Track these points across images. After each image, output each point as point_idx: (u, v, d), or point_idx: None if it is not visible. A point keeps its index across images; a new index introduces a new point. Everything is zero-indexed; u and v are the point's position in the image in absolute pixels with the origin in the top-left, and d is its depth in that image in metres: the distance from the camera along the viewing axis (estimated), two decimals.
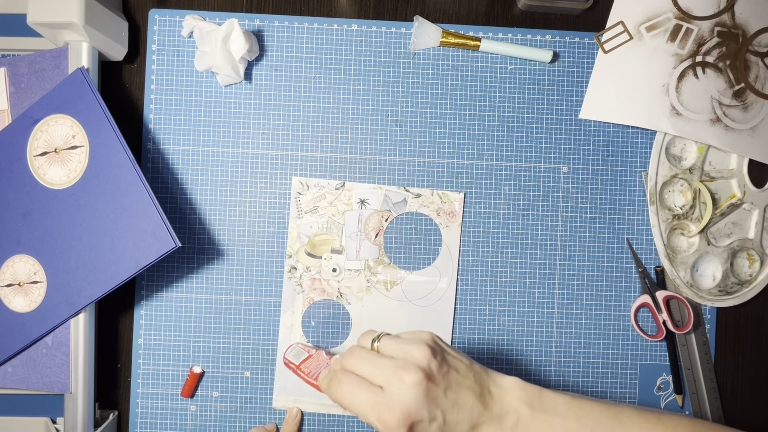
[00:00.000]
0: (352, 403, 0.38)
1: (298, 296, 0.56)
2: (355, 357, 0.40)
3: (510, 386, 0.40)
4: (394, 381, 0.37)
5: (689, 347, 0.57)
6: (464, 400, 0.38)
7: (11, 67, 0.53)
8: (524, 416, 0.39)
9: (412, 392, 0.37)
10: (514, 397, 0.40)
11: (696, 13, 0.55)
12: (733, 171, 0.57)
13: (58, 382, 0.51)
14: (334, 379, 0.40)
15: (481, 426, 0.38)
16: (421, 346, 0.39)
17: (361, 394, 0.38)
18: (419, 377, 0.37)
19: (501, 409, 0.39)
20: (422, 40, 0.56)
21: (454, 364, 0.40)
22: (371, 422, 0.37)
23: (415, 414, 0.37)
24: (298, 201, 0.56)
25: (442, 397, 0.38)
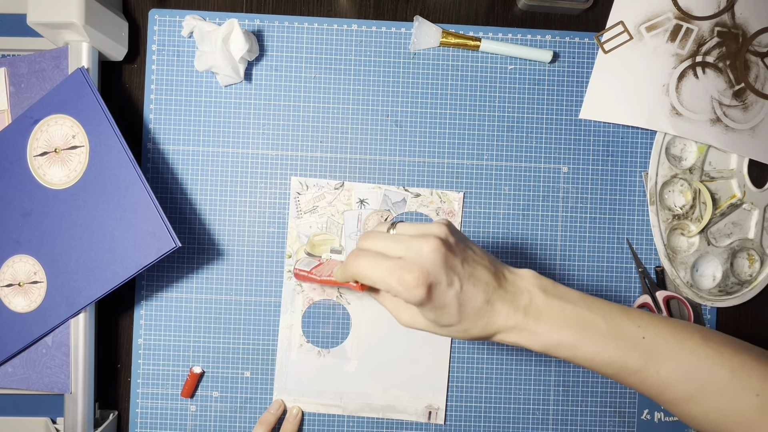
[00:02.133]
0: (371, 273, 0.38)
1: (298, 296, 0.56)
2: (371, 237, 0.40)
3: (524, 274, 0.41)
4: (413, 248, 0.38)
5: None
6: (480, 274, 0.39)
7: (11, 67, 0.53)
8: (537, 298, 0.39)
9: (430, 256, 0.37)
10: (528, 282, 0.40)
11: (696, 13, 0.55)
12: (733, 171, 0.57)
13: (58, 382, 0.51)
14: (351, 257, 0.40)
15: (495, 302, 0.39)
16: (439, 225, 0.39)
17: (380, 263, 0.38)
18: (437, 243, 0.38)
19: (515, 289, 0.40)
20: (422, 40, 0.56)
21: (470, 245, 0.41)
22: (391, 286, 0.37)
23: (434, 275, 0.37)
24: (297, 201, 0.56)
25: (459, 267, 0.38)
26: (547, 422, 0.57)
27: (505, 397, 0.57)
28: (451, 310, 0.38)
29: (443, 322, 0.39)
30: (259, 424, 0.54)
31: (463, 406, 0.56)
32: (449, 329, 0.39)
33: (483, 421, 0.56)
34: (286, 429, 0.55)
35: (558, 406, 0.57)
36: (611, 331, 0.39)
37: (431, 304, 0.37)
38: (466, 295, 0.38)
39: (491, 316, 0.39)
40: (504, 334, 0.39)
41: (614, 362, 0.39)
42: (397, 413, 0.56)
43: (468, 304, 0.38)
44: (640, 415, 0.57)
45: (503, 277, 0.40)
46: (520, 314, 0.39)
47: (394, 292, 0.37)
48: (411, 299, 0.37)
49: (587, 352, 0.39)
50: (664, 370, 0.38)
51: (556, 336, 0.39)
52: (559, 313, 0.39)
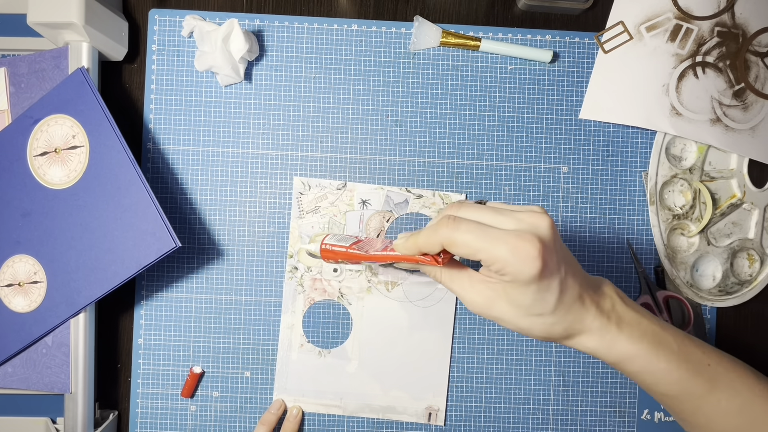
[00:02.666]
0: (476, 240, 0.34)
1: (299, 296, 0.56)
2: (467, 206, 0.37)
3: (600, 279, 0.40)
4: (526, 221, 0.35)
5: None
6: (575, 266, 0.37)
7: (11, 67, 0.53)
8: (618, 305, 0.38)
9: (548, 232, 0.35)
10: (608, 288, 0.39)
11: (696, 13, 0.55)
12: (733, 171, 0.57)
13: (58, 382, 0.51)
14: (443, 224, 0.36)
15: (585, 300, 0.37)
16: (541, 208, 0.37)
17: (488, 230, 0.34)
18: (551, 222, 0.36)
19: (599, 292, 0.38)
20: (422, 40, 0.56)
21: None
22: (500, 257, 0.34)
23: (549, 250, 0.34)
24: (299, 201, 0.56)
25: (563, 253, 0.37)
26: (547, 422, 0.57)
27: (505, 397, 0.57)
28: (552, 296, 0.36)
29: (536, 309, 0.36)
30: (260, 424, 0.54)
31: (463, 407, 0.56)
32: (535, 320, 0.37)
33: (483, 421, 0.56)
34: (287, 429, 0.55)
35: (558, 406, 0.57)
36: (682, 352, 0.38)
37: (537, 285, 0.35)
38: (567, 284, 0.36)
39: (581, 313, 0.37)
40: (585, 337, 0.38)
41: (680, 383, 0.38)
42: (397, 414, 0.56)
43: (566, 294, 0.36)
44: (640, 415, 0.57)
45: (588, 278, 0.39)
46: (605, 317, 0.37)
47: (502, 264, 0.34)
48: (524, 272, 0.34)
49: (660, 369, 0.38)
50: (724, 401, 0.38)
51: (635, 348, 0.37)
52: (637, 325, 0.38)
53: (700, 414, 0.39)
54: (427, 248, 0.37)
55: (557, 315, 0.36)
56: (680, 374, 0.38)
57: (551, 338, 0.38)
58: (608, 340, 0.38)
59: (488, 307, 0.37)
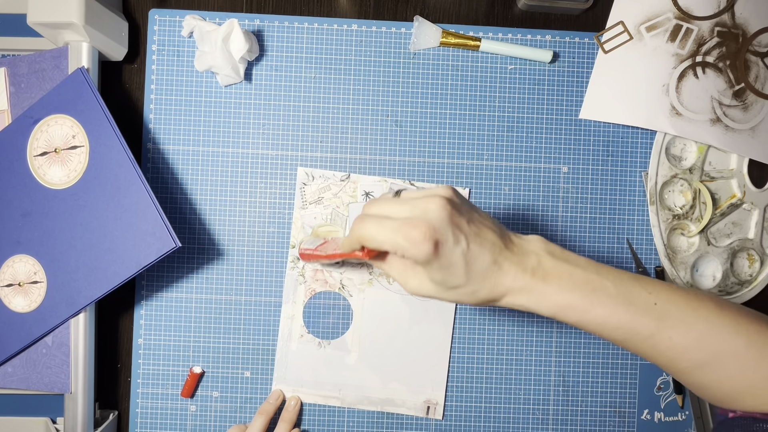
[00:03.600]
0: (377, 234, 0.38)
1: (300, 287, 0.56)
2: (376, 202, 0.40)
3: (531, 238, 0.41)
4: (418, 206, 0.38)
5: None
6: (486, 234, 0.38)
7: (11, 67, 0.53)
8: (545, 260, 0.39)
9: (436, 213, 0.37)
10: (535, 245, 0.40)
11: (696, 13, 0.55)
12: (733, 171, 0.57)
13: (58, 382, 0.51)
14: (356, 222, 0.39)
15: (502, 263, 0.38)
16: (444, 187, 0.39)
17: (386, 223, 0.38)
18: (443, 201, 0.37)
19: (522, 252, 0.39)
20: (422, 40, 0.56)
21: (475, 209, 0.40)
22: (398, 244, 0.37)
23: (440, 231, 0.36)
24: (303, 192, 0.56)
25: (465, 226, 0.38)
26: (547, 422, 0.57)
27: (505, 397, 0.57)
28: (458, 269, 0.37)
29: (450, 283, 0.38)
30: (259, 414, 0.54)
31: (462, 403, 0.56)
32: (457, 292, 0.39)
33: (483, 420, 0.56)
34: (285, 419, 0.55)
35: (558, 406, 0.57)
36: (621, 295, 0.38)
37: (438, 262, 0.37)
38: (472, 254, 0.37)
39: (498, 277, 0.38)
40: (512, 297, 0.39)
41: (624, 326, 0.38)
42: (395, 407, 0.56)
43: (475, 263, 0.38)
44: (640, 415, 0.57)
45: (509, 240, 0.40)
46: (528, 275, 0.38)
47: (402, 251, 0.37)
48: (418, 255, 0.36)
49: (597, 315, 0.38)
50: (677, 337, 0.38)
51: (565, 298, 0.38)
52: (568, 276, 0.38)
53: (658, 353, 0.39)
54: (353, 245, 0.41)
55: (474, 284, 0.38)
56: (620, 317, 0.38)
57: (483, 304, 0.40)
58: (536, 296, 0.38)
59: (419, 287, 0.40)
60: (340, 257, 0.45)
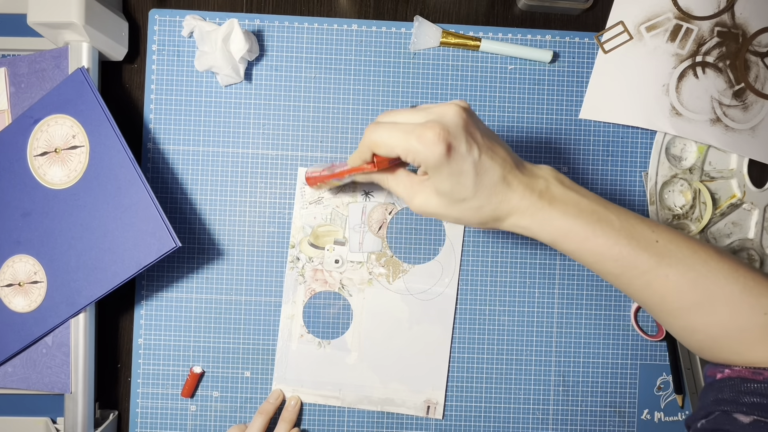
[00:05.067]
0: (389, 137, 0.38)
1: (300, 286, 0.56)
2: (390, 112, 0.40)
3: (542, 166, 0.41)
4: (434, 112, 0.38)
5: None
6: (498, 150, 0.39)
7: (11, 67, 0.53)
8: (553, 186, 0.39)
9: (452, 118, 0.37)
10: (545, 172, 0.40)
11: (696, 13, 0.55)
12: (733, 171, 0.57)
13: (58, 382, 0.51)
14: (369, 129, 0.39)
15: (512, 181, 0.38)
16: (460, 100, 0.39)
17: (400, 126, 0.38)
18: (459, 109, 0.37)
19: (531, 174, 0.40)
20: (422, 40, 0.56)
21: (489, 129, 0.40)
22: (411, 146, 0.37)
23: (454, 135, 0.36)
24: (303, 192, 0.56)
25: (479, 136, 0.38)
26: (547, 422, 0.57)
27: (505, 397, 0.57)
28: (468, 179, 0.37)
29: (457, 194, 0.38)
30: (258, 413, 0.54)
31: (462, 404, 0.56)
32: (462, 206, 0.39)
33: (483, 420, 0.56)
34: (285, 418, 0.55)
35: (558, 406, 0.57)
36: (624, 229, 0.38)
37: (449, 168, 0.37)
38: (483, 166, 0.37)
39: (506, 194, 0.38)
40: (516, 217, 0.39)
41: (623, 259, 0.38)
42: (395, 407, 0.56)
43: (485, 176, 0.38)
44: (640, 415, 0.57)
45: (520, 162, 0.40)
46: (535, 196, 0.38)
47: (413, 153, 0.37)
48: (430, 157, 0.36)
49: (597, 244, 0.38)
50: (673, 275, 0.38)
51: (569, 224, 0.38)
52: (575, 204, 0.39)
53: (651, 291, 0.39)
54: (363, 156, 0.41)
55: (480, 198, 0.38)
56: (621, 249, 0.38)
57: (486, 223, 0.40)
58: (540, 218, 0.39)
59: (425, 204, 0.41)
60: (348, 173, 0.45)
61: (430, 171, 0.38)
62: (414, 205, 0.41)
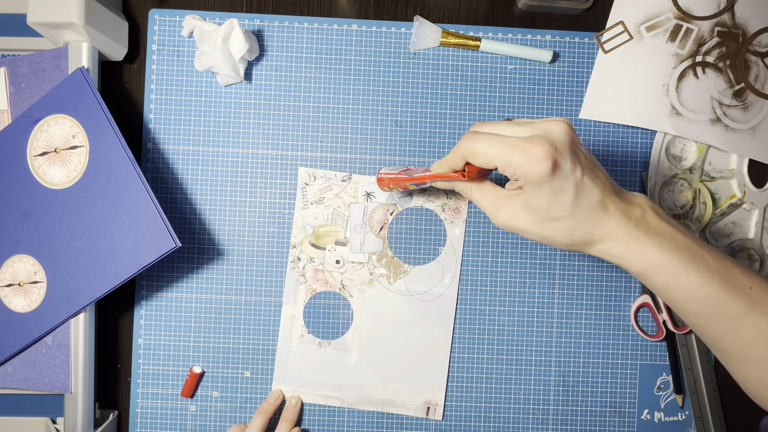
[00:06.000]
0: (489, 148, 0.37)
1: (301, 287, 0.56)
2: (488, 123, 0.39)
3: (636, 193, 0.40)
4: (539, 127, 0.37)
5: (689, 347, 0.57)
6: (598, 173, 0.38)
7: (11, 67, 0.53)
8: (649, 216, 0.38)
9: (560, 135, 0.36)
10: (641, 200, 0.39)
11: (696, 13, 0.55)
12: (733, 171, 0.57)
13: (58, 382, 0.51)
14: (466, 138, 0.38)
15: (609, 206, 0.37)
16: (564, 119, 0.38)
17: (502, 139, 0.37)
18: (567, 127, 0.37)
19: (628, 201, 0.39)
20: (422, 40, 0.56)
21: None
22: (511, 160, 0.36)
23: (561, 153, 0.36)
24: (304, 192, 0.56)
25: (582, 157, 0.37)
26: (547, 422, 0.57)
27: (505, 397, 0.57)
28: (567, 198, 0.36)
29: (552, 213, 0.37)
30: (258, 413, 0.54)
31: (462, 404, 0.56)
32: (553, 225, 0.38)
33: (483, 420, 0.56)
34: (286, 418, 0.55)
35: (558, 406, 0.57)
36: (719, 270, 0.37)
37: (549, 186, 0.36)
38: (585, 187, 0.36)
39: (602, 218, 0.37)
40: (608, 244, 0.38)
41: (713, 300, 0.37)
42: (395, 407, 0.56)
43: (584, 197, 0.37)
44: (640, 415, 0.57)
45: (618, 188, 0.39)
46: (632, 224, 0.37)
47: (515, 167, 0.36)
48: (534, 173, 0.35)
49: (690, 282, 0.37)
50: (764, 324, 0.37)
51: (663, 257, 0.37)
52: (670, 237, 0.38)
53: (735, 338, 0.38)
54: (453, 163, 0.40)
55: (575, 218, 0.37)
56: (713, 291, 0.37)
57: (574, 245, 0.39)
58: (634, 248, 0.37)
59: (511, 219, 0.40)
60: (431, 179, 0.44)
61: (528, 186, 0.37)
62: (498, 219, 0.40)
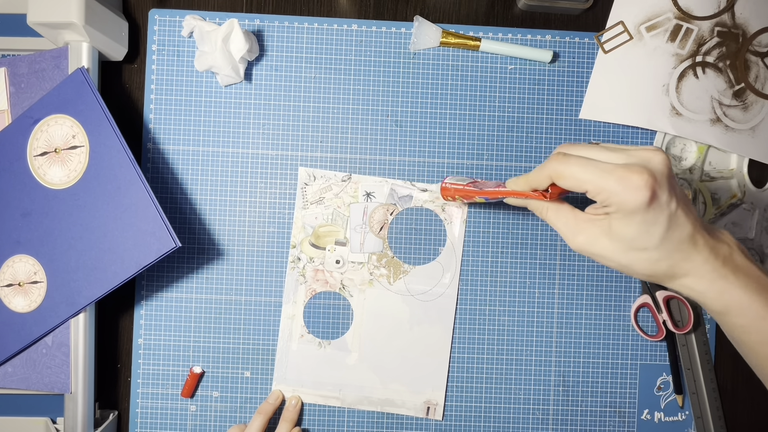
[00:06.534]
0: (582, 172, 0.36)
1: (301, 287, 0.56)
2: (577, 145, 0.38)
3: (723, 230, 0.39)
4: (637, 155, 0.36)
5: (689, 347, 0.57)
6: (691, 208, 0.37)
7: (11, 67, 0.53)
8: (737, 255, 0.38)
9: (659, 165, 0.35)
10: (728, 237, 0.39)
11: (696, 13, 0.55)
12: (733, 171, 0.57)
13: (58, 382, 0.51)
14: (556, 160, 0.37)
15: (698, 240, 0.36)
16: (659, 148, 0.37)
17: (595, 164, 0.35)
18: (666, 158, 0.36)
19: (716, 238, 0.38)
20: (422, 40, 0.56)
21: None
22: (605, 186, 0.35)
23: (660, 184, 0.35)
24: (304, 192, 0.56)
25: (678, 190, 0.36)
26: (547, 422, 0.57)
27: (505, 397, 0.57)
28: (658, 230, 0.36)
29: (640, 243, 0.36)
30: (258, 413, 0.54)
31: (462, 404, 0.56)
32: (637, 255, 0.37)
33: (483, 420, 0.56)
34: (286, 418, 0.55)
35: (558, 406, 0.57)
36: None
37: (643, 216, 0.35)
38: (678, 220, 0.36)
39: (690, 253, 0.36)
40: (692, 279, 0.37)
41: None
42: (395, 407, 0.56)
43: (675, 230, 0.36)
44: (640, 415, 0.57)
45: (706, 224, 0.38)
46: (719, 262, 0.37)
47: (608, 194, 0.35)
48: (630, 202, 0.34)
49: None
50: None
51: (748, 298, 0.36)
52: (756, 278, 0.37)
53: None
54: (536, 183, 0.40)
55: (662, 251, 0.36)
56: None
57: (655, 276, 0.38)
58: (719, 287, 0.37)
59: (590, 244, 0.38)
60: (507, 195, 0.43)
61: (618, 214, 0.36)
62: (576, 243, 0.39)
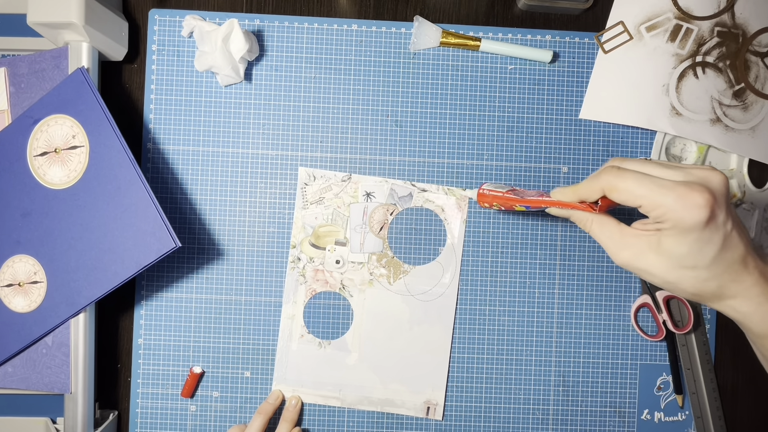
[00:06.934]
0: (638, 187, 0.35)
1: (301, 287, 0.56)
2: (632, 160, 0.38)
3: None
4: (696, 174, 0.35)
5: (689, 347, 0.57)
6: (744, 230, 0.37)
7: (11, 67, 0.53)
8: None
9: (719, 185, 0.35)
10: None
11: (696, 13, 0.55)
12: (733, 171, 0.57)
13: (58, 382, 0.51)
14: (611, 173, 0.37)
15: (749, 263, 0.36)
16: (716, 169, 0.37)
17: (652, 179, 0.35)
18: (725, 178, 0.35)
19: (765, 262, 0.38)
20: (422, 40, 0.56)
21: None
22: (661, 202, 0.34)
23: (719, 204, 0.34)
24: (304, 192, 0.56)
25: (734, 211, 0.36)
26: (547, 422, 0.57)
27: (505, 397, 0.57)
28: (711, 250, 0.35)
29: (690, 262, 0.36)
30: (258, 413, 0.54)
31: (462, 404, 0.56)
32: (686, 273, 0.36)
33: (483, 420, 0.56)
34: (286, 418, 0.55)
35: (558, 406, 0.57)
36: None
37: (698, 235, 0.35)
38: (731, 241, 0.35)
39: (740, 275, 0.36)
40: (740, 301, 0.37)
41: None
42: (395, 407, 0.56)
43: (728, 251, 0.36)
44: (640, 415, 0.57)
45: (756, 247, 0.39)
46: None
47: (664, 210, 0.35)
48: (686, 219, 0.34)
49: None
50: None
51: None
52: None
53: None
54: (586, 195, 0.39)
55: (712, 270, 0.36)
56: None
57: (701, 295, 0.38)
58: (766, 310, 0.37)
59: (636, 259, 0.38)
60: (552, 204, 0.42)
61: (672, 231, 0.36)
62: (620, 257, 0.39)
